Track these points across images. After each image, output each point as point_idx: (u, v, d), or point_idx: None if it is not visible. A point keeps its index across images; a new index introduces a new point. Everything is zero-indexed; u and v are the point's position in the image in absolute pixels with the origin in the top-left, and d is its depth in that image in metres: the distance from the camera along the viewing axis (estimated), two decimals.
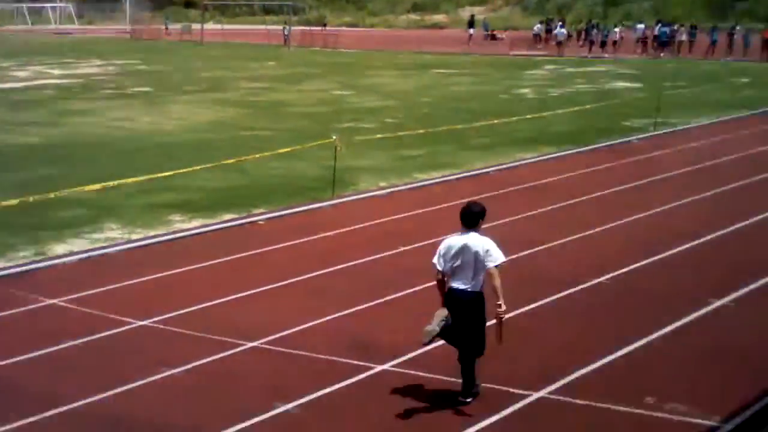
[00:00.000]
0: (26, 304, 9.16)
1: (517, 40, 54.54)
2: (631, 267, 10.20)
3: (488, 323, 6.73)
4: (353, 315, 8.84)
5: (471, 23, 61.84)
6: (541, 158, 17.45)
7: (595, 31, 48.97)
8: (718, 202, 13.45)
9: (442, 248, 6.79)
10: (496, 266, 6.54)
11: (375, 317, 8.83)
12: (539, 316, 8.72)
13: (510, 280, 9.65)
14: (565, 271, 10.16)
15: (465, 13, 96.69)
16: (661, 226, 12.10)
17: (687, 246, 11.01)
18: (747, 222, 12.07)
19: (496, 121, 20.96)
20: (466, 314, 6.60)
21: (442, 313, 6.63)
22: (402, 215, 13.11)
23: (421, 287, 9.56)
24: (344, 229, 12.35)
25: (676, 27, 46.89)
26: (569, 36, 52.89)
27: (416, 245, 11.36)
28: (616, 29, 49.84)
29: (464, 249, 6.63)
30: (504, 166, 16.70)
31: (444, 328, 6.53)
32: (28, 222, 12.18)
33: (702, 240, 11.25)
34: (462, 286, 6.64)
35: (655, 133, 20.04)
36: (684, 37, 44.82)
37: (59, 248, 11.25)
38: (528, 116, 21.76)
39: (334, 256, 10.92)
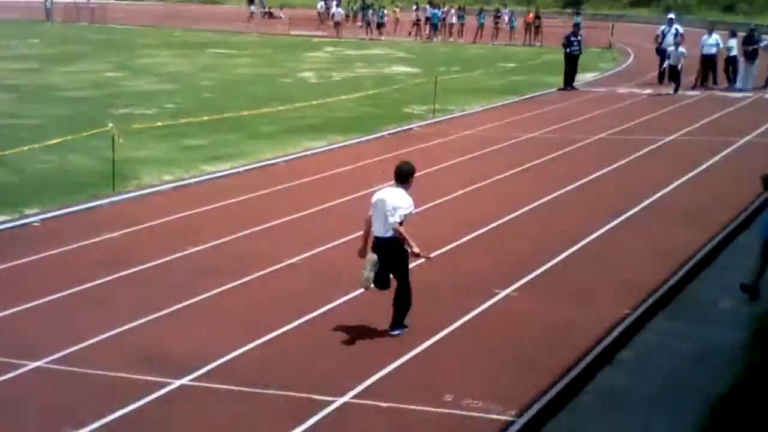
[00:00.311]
0: None
1: (295, 18, 54.43)
2: (420, 261, 10.43)
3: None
4: (144, 326, 8.41)
5: (251, 0, 60.93)
6: (329, 147, 17.50)
7: (371, 11, 49.73)
8: (499, 189, 14.08)
9: (373, 198, 8.01)
10: (398, 222, 7.73)
11: (168, 327, 8.45)
12: (329, 318, 8.70)
13: (304, 280, 9.68)
14: (360, 265, 10.21)
15: None
16: (447, 216, 12.49)
17: (472, 236, 11.43)
18: (527, 208, 12.71)
19: (281, 108, 20.79)
20: (384, 256, 7.84)
21: (372, 257, 7.83)
22: (190, 212, 12.67)
23: (214, 291, 9.31)
24: (129, 229, 11.75)
25: (445, 9, 48.44)
26: (347, 16, 53.60)
27: (207, 245, 11.04)
28: (394, 10, 50.97)
29: (381, 202, 7.84)
30: (293, 156, 16.59)
31: (377, 272, 7.79)
32: None
33: (485, 229, 11.71)
34: (378, 234, 7.87)
35: (435, 120, 20.71)
36: (454, 20, 46.58)
37: None
38: (313, 102, 21.77)
39: (120, 259, 10.37)
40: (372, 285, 7.85)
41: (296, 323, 8.46)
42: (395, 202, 7.77)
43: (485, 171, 15.15)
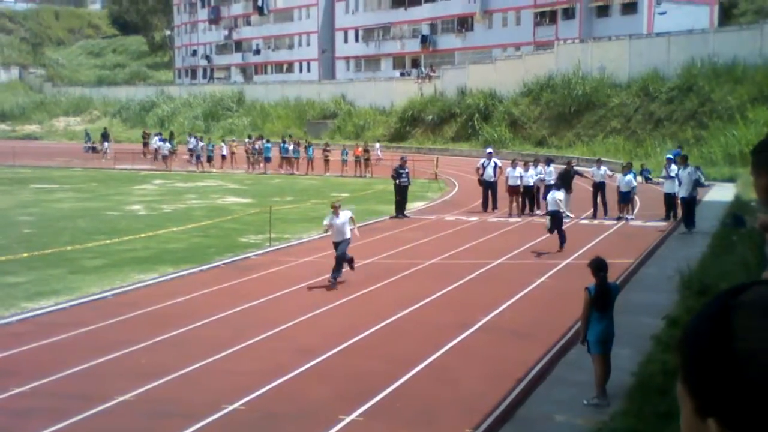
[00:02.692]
0: None
1: (120, 153, 53.59)
2: (264, 389, 10.18)
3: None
4: None
5: (105, 136, 59.03)
6: (161, 279, 16.97)
7: (200, 145, 49.70)
8: (337, 315, 14.07)
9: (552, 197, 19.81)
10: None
11: None
12: None
13: (138, 418, 9.18)
14: (199, 399, 9.83)
15: (60, 123, 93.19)
16: (286, 343, 12.31)
17: (314, 362, 11.28)
18: (366, 333, 12.72)
19: (108, 241, 20.11)
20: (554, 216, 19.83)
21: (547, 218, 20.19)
22: (11, 351, 11.81)
23: None
24: None
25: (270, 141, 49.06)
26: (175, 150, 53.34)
27: (34, 384, 10.29)
28: (231, 143, 51.29)
29: (557, 198, 19.59)
30: (123, 289, 15.93)
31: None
32: None
33: (326, 355, 11.61)
34: (552, 209, 19.65)
35: (271, 248, 20.63)
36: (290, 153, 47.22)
37: None
38: (142, 234, 21.21)
39: None
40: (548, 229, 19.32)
41: None
42: (561, 196, 19.07)
43: (323, 297, 15.15)
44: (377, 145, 51.98)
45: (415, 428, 8.99)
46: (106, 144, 57.09)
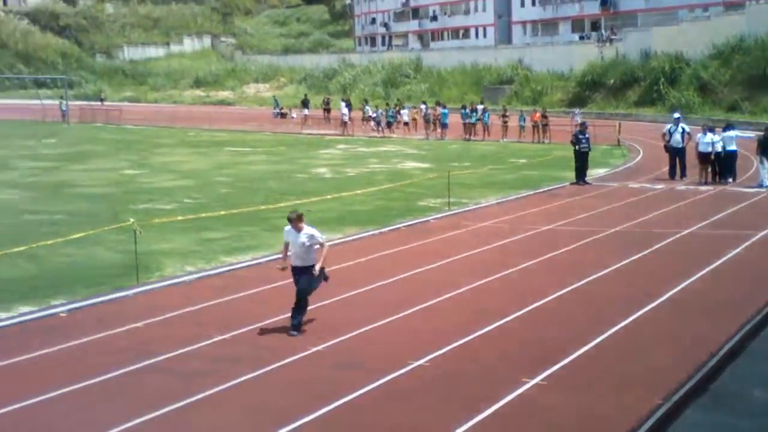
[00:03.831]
0: None
1: (307, 118, 55.59)
2: (446, 349, 10.38)
3: None
4: (165, 416, 8.32)
5: (305, 103, 61.54)
6: (346, 239, 17.61)
7: (380, 111, 50.74)
8: (519, 279, 14.08)
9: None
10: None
11: (188, 418, 8.37)
12: (357, 405, 8.65)
13: (325, 368, 9.62)
14: (385, 354, 10.19)
15: (250, 89, 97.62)
16: (469, 305, 12.47)
17: (495, 325, 11.38)
18: (548, 298, 12.69)
19: (297, 202, 21.00)
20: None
21: None
22: (213, 302, 12.70)
23: (236, 381, 9.24)
24: (153, 319, 11.75)
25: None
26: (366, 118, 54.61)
27: (233, 333, 11.04)
28: (413, 108, 52.11)
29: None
30: None
31: None
32: None
33: (508, 318, 11.68)
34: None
35: (450, 212, 20.86)
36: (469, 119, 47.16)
37: None
38: (328, 196, 22.03)
39: (144, 349, 10.35)
40: None
41: (314, 415, 8.37)
42: None
43: (504, 262, 15.18)
44: (577, 110, 51.84)
45: (602, 397, 8.89)
46: (306, 110, 59.02)
